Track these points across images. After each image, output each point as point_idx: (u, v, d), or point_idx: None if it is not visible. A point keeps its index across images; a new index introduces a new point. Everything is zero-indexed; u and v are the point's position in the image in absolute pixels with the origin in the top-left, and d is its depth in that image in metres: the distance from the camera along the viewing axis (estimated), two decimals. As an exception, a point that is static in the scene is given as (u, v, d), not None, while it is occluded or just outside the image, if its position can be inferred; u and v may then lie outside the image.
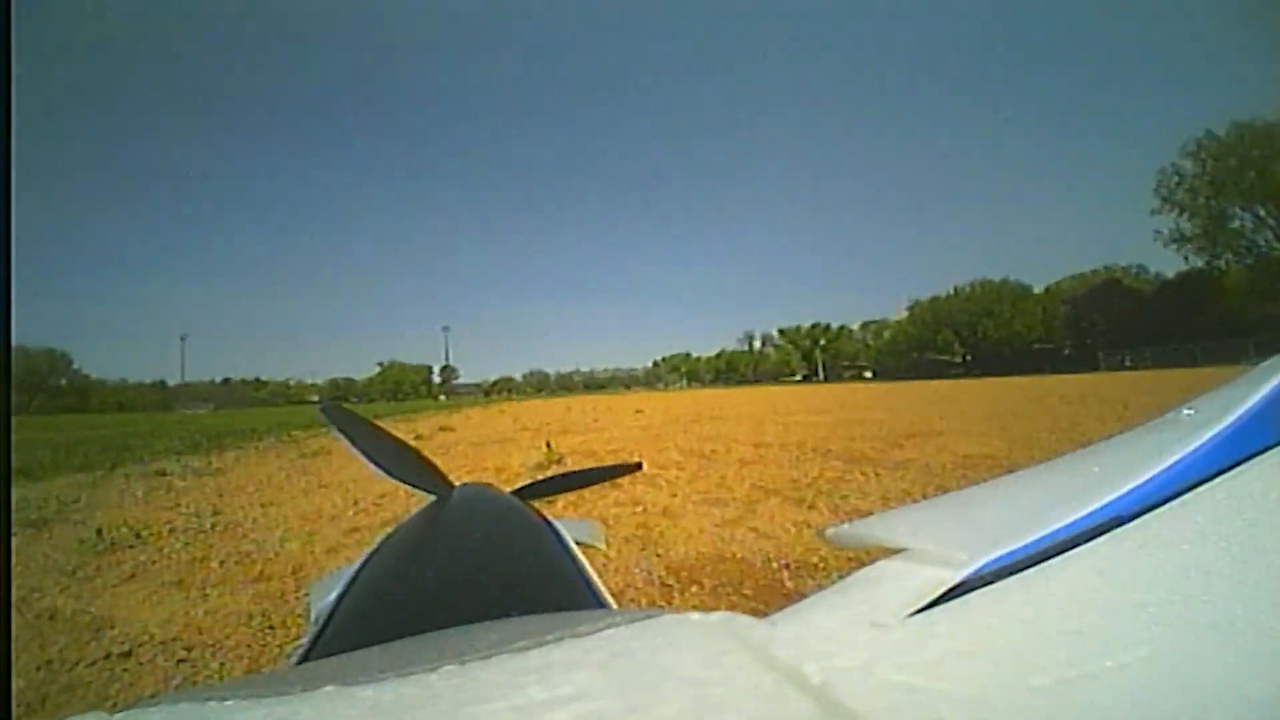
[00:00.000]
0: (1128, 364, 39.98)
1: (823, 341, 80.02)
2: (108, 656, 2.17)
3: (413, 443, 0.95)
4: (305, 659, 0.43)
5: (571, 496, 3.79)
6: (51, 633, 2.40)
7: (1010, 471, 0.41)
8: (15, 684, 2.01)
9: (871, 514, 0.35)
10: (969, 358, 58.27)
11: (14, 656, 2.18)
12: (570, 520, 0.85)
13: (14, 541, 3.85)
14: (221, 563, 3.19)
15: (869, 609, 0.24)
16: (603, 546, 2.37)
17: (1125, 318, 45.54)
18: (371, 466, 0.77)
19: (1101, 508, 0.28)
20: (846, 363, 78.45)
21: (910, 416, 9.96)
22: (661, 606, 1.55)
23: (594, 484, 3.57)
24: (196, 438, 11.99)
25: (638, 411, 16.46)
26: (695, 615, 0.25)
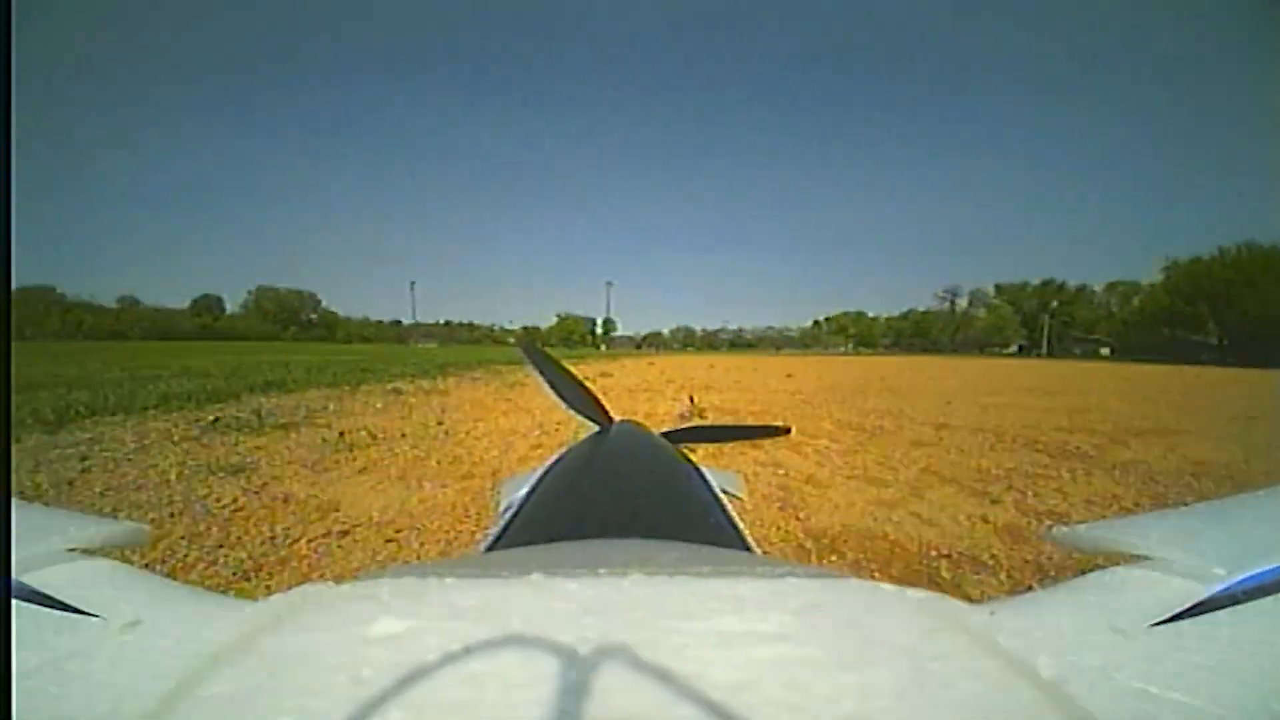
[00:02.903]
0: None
1: (1054, 304, 64.86)
2: (327, 534, 2.46)
3: None
4: (494, 546, 0.49)
5: (711, 448, 3.91)
6: (282, 513, 2.73)
7: (1241, 486, 0.37)
8: (237, 555, 2.24)
9: (1090, 522, 0.34)
10: (1224, 340, 45.62)
11: (244, 534, 2.44)
12: (714, 470, 0.89)
13: (264, 440, 4.42)
14: (439, 462, 3.94)
15: (1108, 614, 0.24)
16: (744, 497, 2.43)
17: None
18: (553, 396, 0.93)
19: None
20: (1079, 334, 63.53)
21: (1146, 408, 8.32)
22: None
23: (739, 440, 3.61)
24: (425, 365, 15.18)
25: (788, 375, 15.91)
26: (890, 587, 0.24)
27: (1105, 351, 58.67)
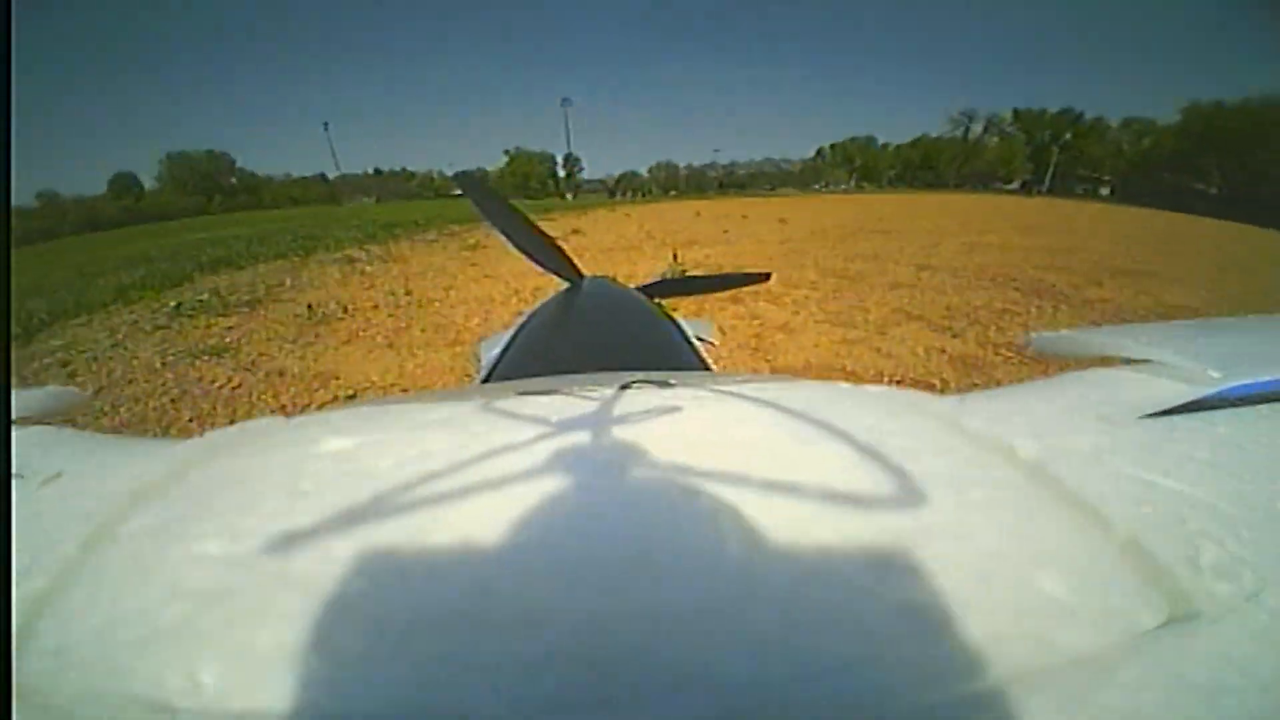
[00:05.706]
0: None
1: (1067, 135, 61.61)
2: (335, 399, 2.62)
3: None
4: None
5: (691, 305, 4.08)
6: (283, 385, 2.87)
7: None
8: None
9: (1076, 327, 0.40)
10: (1223, 191, 45.61)
11: (251, 409, 2.52)
12: (688, 320, 0.94)
13: (235, 319, 4.49)
14: (422, 330, 4.12)
15: (1093, 406, 0.24)
16: (716, 342, 2.64)
17: None
18: (511, 247, 0.85)
19: None
20: (1085, 171, 61.75)
21: (1131, 250, 8.60)
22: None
23: (717, 290, 3.64)
24: (369, 229, 14.18)
25: (781, 221, 15.56)
26: (847, 385, 0.25)
27: (1105, 192, 57.61)
